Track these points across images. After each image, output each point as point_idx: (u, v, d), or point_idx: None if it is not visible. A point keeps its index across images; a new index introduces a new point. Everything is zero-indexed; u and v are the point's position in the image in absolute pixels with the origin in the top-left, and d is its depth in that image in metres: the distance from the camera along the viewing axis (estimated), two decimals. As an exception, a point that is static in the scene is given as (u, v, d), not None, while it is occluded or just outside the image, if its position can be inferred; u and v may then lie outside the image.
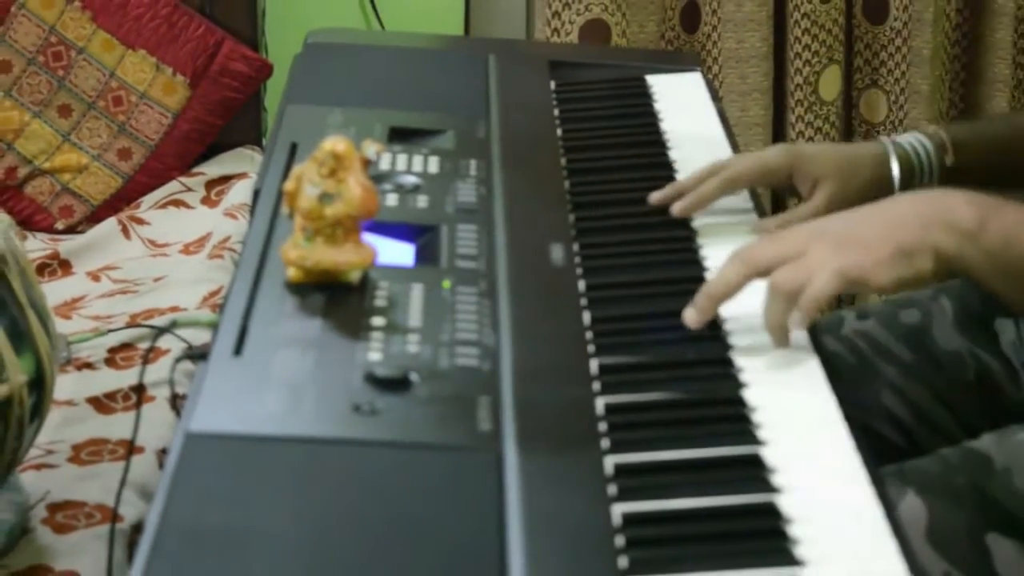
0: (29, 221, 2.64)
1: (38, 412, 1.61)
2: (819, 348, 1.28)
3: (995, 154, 1.59)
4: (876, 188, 1.52)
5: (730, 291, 1.28)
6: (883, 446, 1.58)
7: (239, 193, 2.60)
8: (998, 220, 1.27)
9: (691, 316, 1.28)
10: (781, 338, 1.26)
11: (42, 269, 2.43)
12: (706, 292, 1.28)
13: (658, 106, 1.76)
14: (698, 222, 1.50)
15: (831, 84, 3.01)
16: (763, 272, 1.27)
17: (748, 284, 1.28)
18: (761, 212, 1.54)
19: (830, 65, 3.00)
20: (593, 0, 2.86)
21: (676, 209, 1.49)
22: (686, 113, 1.74)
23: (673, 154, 1.64)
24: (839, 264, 1.24)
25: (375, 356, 1.18)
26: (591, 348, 1.26)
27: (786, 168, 1.53)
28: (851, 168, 1.53)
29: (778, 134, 3.04)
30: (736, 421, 1.18)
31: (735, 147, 1.68)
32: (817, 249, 1.26)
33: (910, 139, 1.56)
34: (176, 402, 1.78)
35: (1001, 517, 1.37)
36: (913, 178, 1.55)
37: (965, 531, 1.37)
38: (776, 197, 2.81)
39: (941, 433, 1.57)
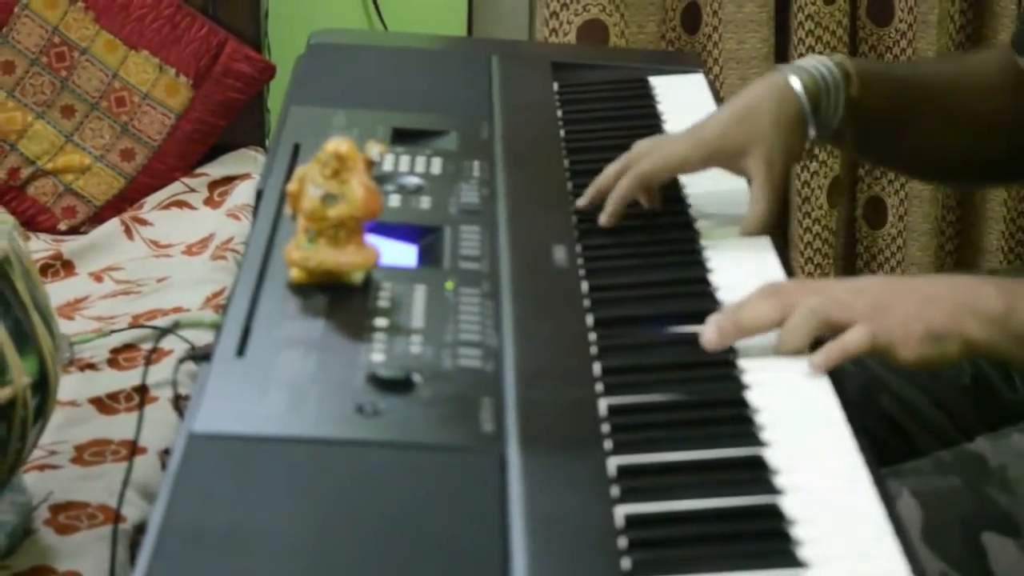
0: (32, 222, 2.64)
1: (41, 413, 1.61)
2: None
3: (896, 96, 1.58)
4: (792, 124, 1.50)
5: (762, 328, 1.26)
6: (881, 449, 1.57)
7: (242, 194, 2.60)
8: None
9: (712, 339, 1.26)
10: (788, 355, 1.26)
11: (45, 270, 2.44)
12: (736, 322, 1.26)
13: (661, 107, 1.76)
14: (700, 223, 1.50)
15: (834, 85, 3.01)
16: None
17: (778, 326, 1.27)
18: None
19: (833, 66, 2.99)
20: (591, 0, 2.85)
21: (602, 221, 1.47)
22: (689, 114, 1.73)
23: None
24: (874, 327, 1.24)
25: (378, 357, 1.18)
26: (594, 349, 1.26)
27: (696, 160, 1.50)
28: (751, 125, 1.49)
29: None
30: (739, 423, 1.18)
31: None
32: (859, 304, 1.26)
33: (815, 63, 1.53)
34: (179, 403, 1.78)
35: (996, 515, 1.37)
36: (821, 104, 1.51)
37: (960, 530, 1.37)
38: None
39: (938, 436, 1.57)
